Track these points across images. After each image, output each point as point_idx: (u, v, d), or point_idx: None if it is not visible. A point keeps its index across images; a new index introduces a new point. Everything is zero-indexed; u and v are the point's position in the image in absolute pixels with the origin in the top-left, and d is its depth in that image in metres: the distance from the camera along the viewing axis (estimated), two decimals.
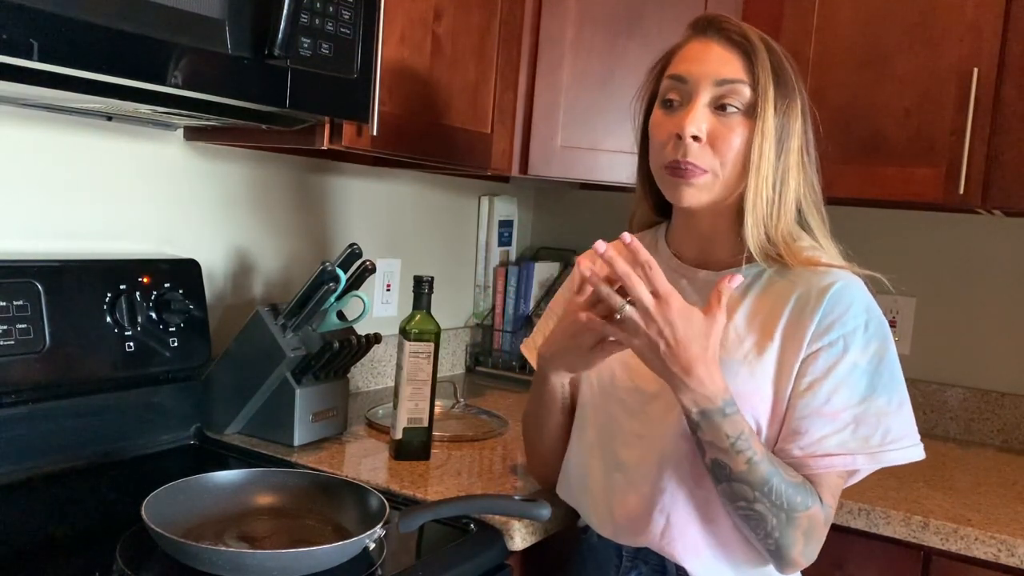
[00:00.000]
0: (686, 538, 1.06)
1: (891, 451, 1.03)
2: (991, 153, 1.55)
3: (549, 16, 1.73)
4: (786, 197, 1.06)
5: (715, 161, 1.05)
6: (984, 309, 1.91)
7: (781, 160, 1.05)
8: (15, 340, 1.19)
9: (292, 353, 1.42)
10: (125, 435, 1.36)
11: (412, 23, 1.45)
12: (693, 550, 1.06)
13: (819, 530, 1.02)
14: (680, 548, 1.06)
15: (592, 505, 1.15)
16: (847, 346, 1.03)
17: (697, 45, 1.08)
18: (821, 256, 1.08)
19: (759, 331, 1.06)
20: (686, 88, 1.06)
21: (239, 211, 1.64)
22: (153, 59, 0.99)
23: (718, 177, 1.05)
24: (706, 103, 1.05)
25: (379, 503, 1.09)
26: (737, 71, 1.04)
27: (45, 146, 1.33)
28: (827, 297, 1.03)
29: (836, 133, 1.67)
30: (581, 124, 1.75)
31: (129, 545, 1.01)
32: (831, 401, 1.02)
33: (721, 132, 1.04)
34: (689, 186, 1.06)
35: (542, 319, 1.32)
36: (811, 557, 1.04)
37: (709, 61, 1.06)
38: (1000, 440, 1.88)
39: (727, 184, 1.06)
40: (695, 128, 1.04)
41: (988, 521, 1.36)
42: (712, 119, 1.05)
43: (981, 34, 1.56)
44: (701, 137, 1.04)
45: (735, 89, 1.04)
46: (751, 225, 1.05)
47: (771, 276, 1.08)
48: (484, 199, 2.27)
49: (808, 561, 1.04)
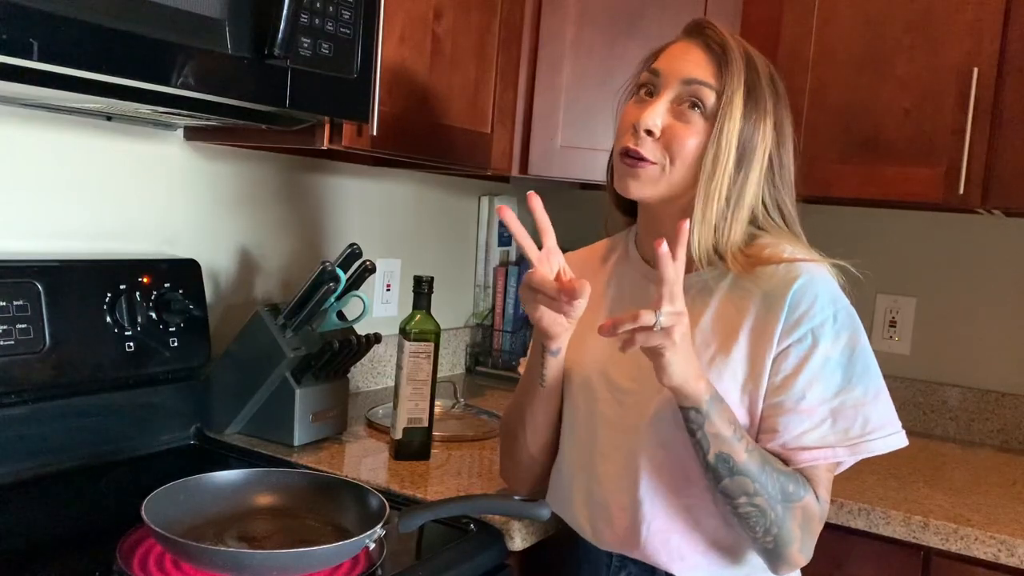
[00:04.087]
0: (670, 545, 1.06)
1: (872, 441, 1.03)
2: (991, 153, 1.55)
3: (549, 16, 1.73)
4: (739, 213, 1.06)
5: (664, 157, 1.05)
6: (984, 309, 1.91)
7: (741, 173, 1.05)
8: (15, 340, 1.19)
9: (292, 353, 1.42)
10: (125, 435, 1.36)
11: (412, 23, 1.45)
12: (679, 556, 1.06)
13: (814, 523, 1.02)
14: (665, 556, 1.06)
15: (576, 516, 1.15)
16: (816, 340, 1.02)
17: (680, 45, 1.10)
18: (783, 251, 1.07)
19: (725, 333, 1.06)
20: (657, 82, 1.08)
21: (239, 211, 1.64)
22: (153, 59, 0.99)
23: (664, 172, 1.06)
24: (670, 100, 1.06)
25: (379, 503, 1.09)
26: (706, 75, 1.05)
27: (45, 146, 1.33)
28: (791, 292, 1.02)
29: (836, 133, 1.68)
30: (581, 124, 1.75)
31: (129, 545, 1.01)
32: (806, 397, 1.02)
33: (677, 130, 1.05)
34: (635, 178, 1.07)
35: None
36: (808, 554, 1.04)
37: (684, 61, 1.07)
38: (1000, 440, 1.88)
39: (674, 182, 1.06)
40: (651, 122, 1.05)
41: (988, 521, 1.36)
42: (670, 118, 1.06)
43: (981, 34, 1.56)
44: (655, 132, 1.05)
45: (699, 91, 1.05)
46: (698, 234, 1.04)
47: (735, 278, 1.08)
48: (484, 199, 2.27)
49: (806, 558, 1.04)
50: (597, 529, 1.12)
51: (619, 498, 1.09)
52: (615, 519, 1.09)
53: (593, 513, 1.12)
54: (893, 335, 1.98)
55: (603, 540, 1.12)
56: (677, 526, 1.06)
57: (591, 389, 1.13)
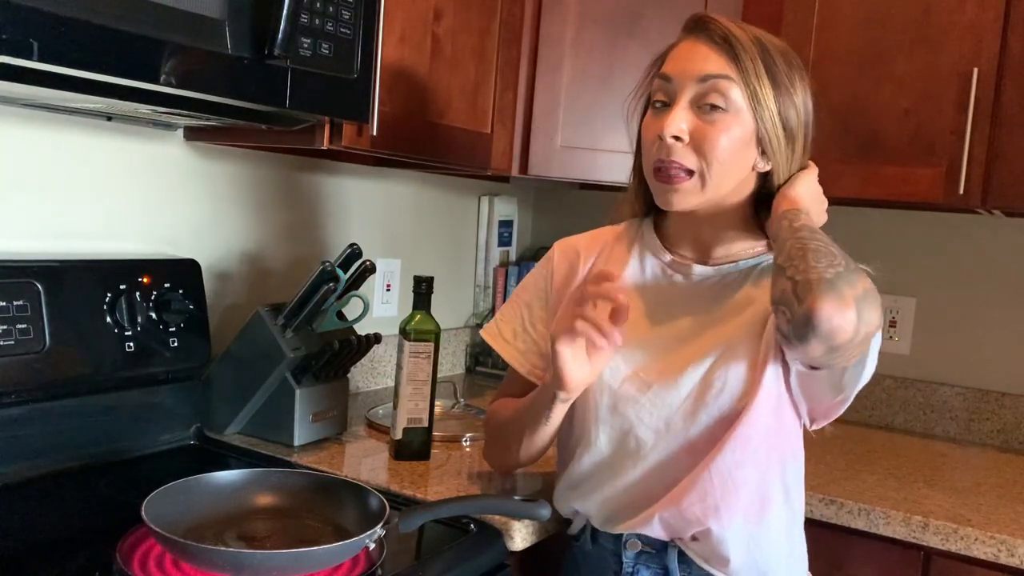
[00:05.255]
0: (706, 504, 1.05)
1: None
2: (991, 153, 1.55)
3: (549, 16, 1.73)
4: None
5: (700, 162, 1.04)
6: (984, 309, 1.91)
7: (792, 151, 1.07)
8: (15, 340, 1.19)
9: (292, 353, 1.42)
10: (125, 435, 1.36)
11: (412, 23, 1.45)
12: (714, 514, 1.05)
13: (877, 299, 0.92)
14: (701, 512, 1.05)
15: (604, 505, 1.13)
16: None
17: (686, 45, 1.08)
18: None
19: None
20: (671, 88, 1.07)
21: (239, 211, 1.64)
22: (153, 59, 0.99)
23: (704, 179, 1.05)
24: (688, 102, 1.05)
25: (379, 503, 1.09)
26: (720, 68, 1.04)
27: (45, 146, 1.33)
28: None
29: (836, 133, 1.68)
30: (581, 124, 1.75)
31: (129, 545, 1.00)
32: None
33: (705, 131, 1.04)
34: (675, 192, 1.06)
35: (506, 305, 1.28)
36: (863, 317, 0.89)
37: (694, 59, 1.06)
38: (1000, 440, 1.88)
39: (715, 185, 1.06)
40: (674, 129, 1.04)
41: (988, 521, 1.36)
42: (694, 119, 1.04)
43: (981, 34, 1.56)
44: (683, 138, 1.04)
45: (717, 85, 1.03)
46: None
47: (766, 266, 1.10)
48: (484, 199, 2.27)
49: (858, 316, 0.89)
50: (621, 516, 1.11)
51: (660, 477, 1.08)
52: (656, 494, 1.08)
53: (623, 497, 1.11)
54: (893, 335, 1.98)
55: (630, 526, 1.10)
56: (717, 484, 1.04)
57: (619, 376, 1.11)
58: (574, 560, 1.21)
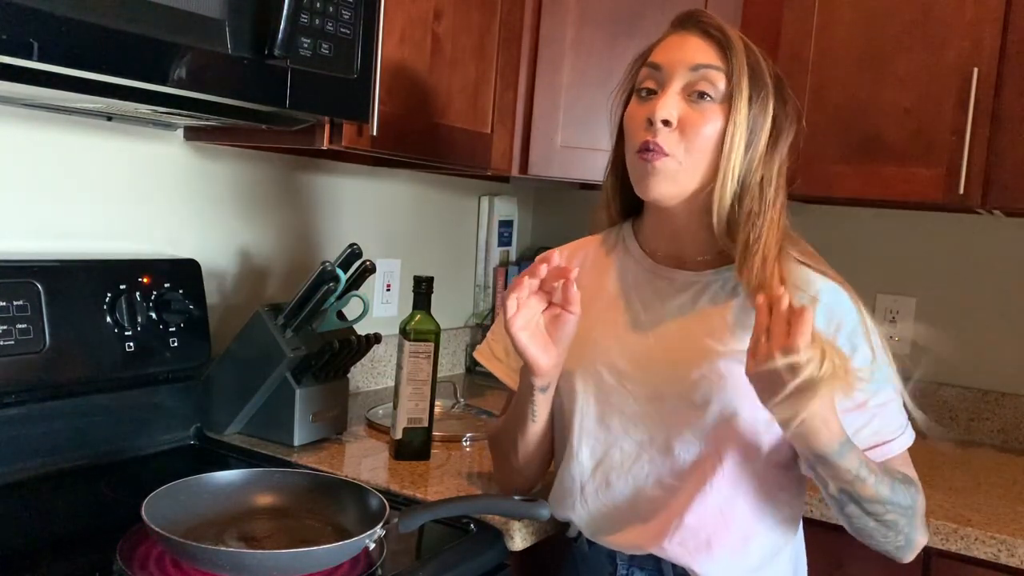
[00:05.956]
0: (698, 539, 1.05)
1: (905, 435, 1.08)
2: (991, 153, 1.55)
3: (549, 16, 1.73)
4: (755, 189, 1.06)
5: (680, 147, 1.04)
6: (984, 309, 1.91)
7: (747, 155, 1.05)
8: (15, 340, 1.19)
9: (292, 353, 1.42)
10: (125, 435, 1.36)
11: (412, 23, 1.45)
12: (705, 551, 1.05)
13: (923, 508, 1.07)
14: (692, 550, 1.05)
15: (590, 518, 1.13)
16: (855, 346, 1.04)
17: (675, 38, 1.08)
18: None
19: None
20: (661, 75, 1.06)
21: (239, 211, 1.64)
22: (153, 59, 0.99)
23: (681, 164, 1.04)
24: (680, 89, 1.05)
25: (379, 503, 1.09)
26: (712, 58, 1.04)
27: (45, 146, 1.33)
28: (822, 303, 1.02)
29: (836, 133, 1.68)
30: (581, 124, 1.75)
31: (129, 545, 1.00)
32: (855, 397, 1.03)
33: (692, 119, 1.04)
34: (654, 173, 1.04)
35: (496, 324, 1.28)
36: (927, 534, 1.09)
37: (685, 49, 1.06)
38: (1000, 440, 1.88)
39: (692, 173, 1.05)
40: (665, 112, 1.03)
41: (988, 521, 1.36)
42: (684, 106, 1.04)
43: (981, 34, 1.56)
44: (672, 122, 1.04)
45: (709, 75, 1.04)
46: (716, 214, 1.05)
47: None
48: (484, 199, 2.27)
49: (927, 538, 1.09)
50: (612, 527, 1.11)
51: (645, 493, 1.08)
52: (643, 512, 1.08)
53: (610, 512, 1.11)
54: (893, 335, 1.98)
55: (615, 541, 1.11)
56: (707, 519, 1.05)
57: (603, 386, 1.11)
58: (573, 561, 1.21)
